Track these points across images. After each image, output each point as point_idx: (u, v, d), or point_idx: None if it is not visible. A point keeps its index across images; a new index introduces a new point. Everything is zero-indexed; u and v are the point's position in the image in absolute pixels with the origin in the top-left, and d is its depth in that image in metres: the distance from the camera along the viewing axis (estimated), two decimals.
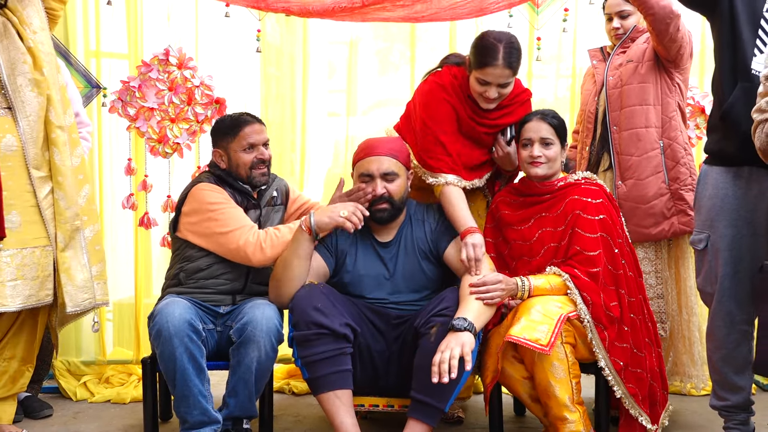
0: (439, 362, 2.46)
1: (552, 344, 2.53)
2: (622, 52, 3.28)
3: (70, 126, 2.87)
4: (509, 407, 3.30)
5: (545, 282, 2.72)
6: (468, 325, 2.53)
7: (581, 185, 2.85)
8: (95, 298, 2.91)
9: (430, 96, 2.97)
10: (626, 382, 2.72)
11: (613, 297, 2.74)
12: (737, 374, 2.71)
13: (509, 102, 2.99)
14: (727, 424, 2.77)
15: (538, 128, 2.84)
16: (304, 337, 2.66)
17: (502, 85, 2.87)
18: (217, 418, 2.73)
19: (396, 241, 2.92)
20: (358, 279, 2.88)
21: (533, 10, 3.70)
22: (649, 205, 3.14)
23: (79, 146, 2.92)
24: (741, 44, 2.59)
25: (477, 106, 2.95)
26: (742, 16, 2.60)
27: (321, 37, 3.95)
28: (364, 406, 2.86)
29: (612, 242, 2.78)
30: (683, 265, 3.26)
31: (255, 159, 2.97)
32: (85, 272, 2.86)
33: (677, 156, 3.17)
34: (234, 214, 2.89)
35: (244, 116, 3.02)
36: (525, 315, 2.61)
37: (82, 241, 2.86)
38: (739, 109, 2.57)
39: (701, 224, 2.74)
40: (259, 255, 2.82)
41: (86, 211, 2.90)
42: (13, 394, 2.96)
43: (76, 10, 3.65)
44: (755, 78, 2.55)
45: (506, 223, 2.93)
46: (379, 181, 2.82)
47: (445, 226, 2.90)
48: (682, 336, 3.27)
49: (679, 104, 3.22)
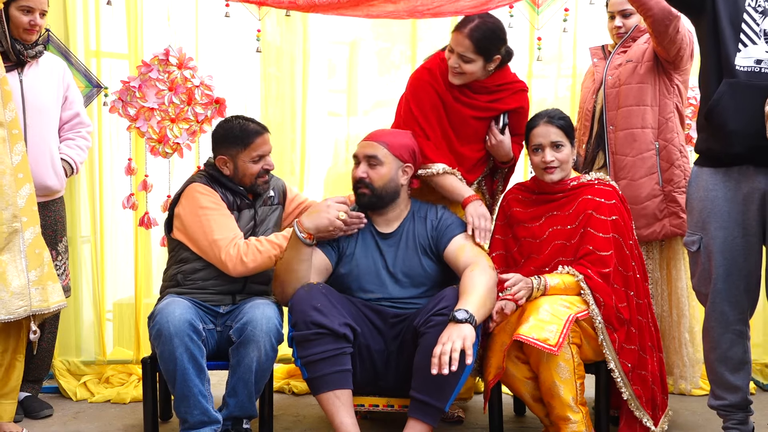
0: (439, 354, 2.45)
1: (560, 345, 2.54)
2: (622, 52, 3.28)
3: (10, 122, 2.74)
4: (509, 407, 3.30)
5: (560, 282, 2.72)
6: (469, 317, 2.53)
7: (594, 185, 2.86)
8: (31, 305, 2.75)
9: (417, 82, 3.05)
10: (633, 384, 2.72)
11: (623, 298, 2.74)
12: (733, 374, 2.72)
13: (499, 88, 3.03)
14: (726, 424, 2.78)
15: (547, 132, 2.83)
16: (304, 337, 2.66)
17: (464, 59, 2.91)
18: (217, 418, 2.73)
19: (397, 234, 2.92)
20: (355, 269, 2.88)
21: (533, 10, 3.69)
22: (642, 206, 3.14)
23: (20, 142, 2.77)
24: (723, 40, 2.58)
25: (468, 89, 3.00)
26: (723, 13, 2.59)
27: (321, 37, 3.95)
28: (364, 406, 2.86)
29: (624, 243, 2.79)
30: (675, 266, 3.25)
31: (262, 169, 2.98)
32: (22, 278, 2.72)
33: (672, 158, 3.17)
34: (219, 223, 2.87)
35: (253, 126, 2.99)
36: (533, 314, 2.61)
37: (21, 245, 2.72)
38: (724, 106, 2.56)
39: (693, 226, 2.74)
40: (240, 268, 2.83)
41: (26, 212, 2.76)
42: (10, 390, 2.90)
43: (76, 10, 3.65)
44: (740, 73, 2.55)
45: (517, 221, 2.94)
46: (361, 165, 2.86)
47: (447, 224, 2.90)
48: (673, 337, 3.27)
49: (677, 106, 3.21)
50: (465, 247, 2.83)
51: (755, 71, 2.55)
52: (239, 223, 2.96)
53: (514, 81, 3.10)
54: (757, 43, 2.55)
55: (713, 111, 2.59)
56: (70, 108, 3.40)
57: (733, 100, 2.54)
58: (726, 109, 2.56)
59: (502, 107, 3.03)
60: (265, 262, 2.85)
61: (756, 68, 2.55)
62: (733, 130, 2.54)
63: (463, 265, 2.78)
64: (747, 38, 2.56)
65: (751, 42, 2.56)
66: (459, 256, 2.81)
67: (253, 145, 2.95)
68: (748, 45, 2.56)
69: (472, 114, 3.02)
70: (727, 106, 2.55)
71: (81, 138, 3.44)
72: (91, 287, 3.76)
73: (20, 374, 2.93)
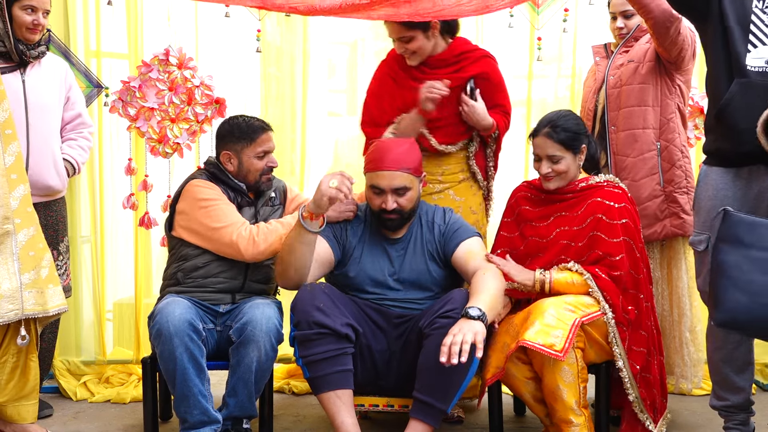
0: (450, 344, 2.43)
1: (566, 350, 2.53)
2: (624, 52, 3.28)
3: (4, 122, 2.69)
4: (509, 407, 3.30)
5: (567, 275, 2.72)
6: (482, 314, 2.52)
7: (604, 188, 2.84)
8: (23, 309, 2.68)
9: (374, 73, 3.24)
10: (639, 386, 2.72)
11: (631, 301, 2.74)
12: (738, 374, 2.72)
13: (458, 58, 3.10)
14: (727, 424, 2.78)
15: (544, 146, 2.82)
16: (306, 337, 2.66)
17: (403, 40, 3.04)
18: (217, 418, 2.73)
19: (405, 239, 2.92)
20: (363, 273, 2.87)
21: (533, 10, 3.70)
22: (643, 206, 3.13)
23: (15, 143, 2.72)
24: (733, 41, 2.58)
25: (425, 66, 3.09)
26: (731, 14, 2.60)
27: (321, 37, 3.95)
28: (365, 405, 2.86)
29: (635, 246, 2.78)
30: (675, 266, 3.25)
31: (266, 166, 2.99)
32: (14, 281, 2.66)
33: (673, 158, 3.17)
34: (226, 210, 2.89)
35: (258, 122, 3.02)
36: (539, 318, 2.60)
37: (14, 247, 2.67)
38: (736, 106, 2.57)
39: (701, 225, 2.73)
40: (252, 249, 2.83)
41: (20, 214, 2.70)
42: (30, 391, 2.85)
43: (76, 10, 3.65)
44: (751, 73, 2.55)
45: (525, 219, 2.94)
46: (390, 197, 2.80)
47: (454, 228, 2.89)
48: (673, 337, 3.27)
49: (679, 106, 3.21)
50: (473, 252, 2.83)
51: (766, 71, 2.55)
52: None
53: (474, 49, 3.17)
54: (767, 43, 2.56)
55: (725, 111, 2.59)
56: (72, 108, 3.40)
57: (744, 99, 2.54)
58: (738, 108, 2.56)
59: (464, 75, 3.08)
60: (276, 243, 2.83)
61: (766, 68, 2.55)
62: (745, 128, 2.54)
63: (473, 269, 2.77)
64: (756, 39, 2.57)
65: (761, 42, 2.56)
66: (468, 260, 2.81)
67: (259, 140, 2.97)
68: (758, 45, 2.57)
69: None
70: (739, 106, 2.55)
71: (83, 138, 3.44)
72: (91, 287, 3.76)
73: (36, 374, 2.89)
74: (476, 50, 3.17)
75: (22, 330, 2.72)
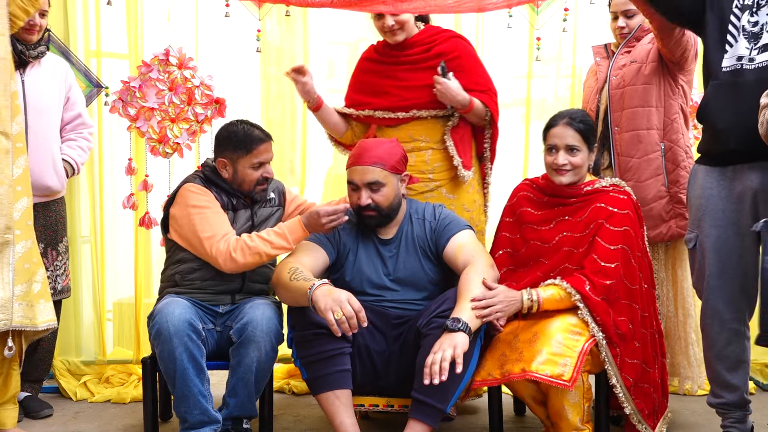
0: (431, 363, 2.46)
1: (575, 380, 2.49)
2: (626, 52, 3.26)
3: (16, 135, 2.69)
4: (509, 407, 3.30)
5: (555, 293, 2.65)
6: (462, 325, 2.52)
7: (609, 192, 2.78)
8: (12, 319, 2.65)
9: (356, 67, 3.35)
10: (635, 399, 2.70)
11: (623, 312, 2.68)
12: (730, 372, 2.72)
13: (431, 38, 3.18)
14: (725, 422, 2.78)
15: (564, 134, 2.75)
16: (303, 338, 2.66)
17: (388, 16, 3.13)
18: (217, 418, 2.73)
19: (397, 239, 2.91)
20: (359, 276, 2.88)
21: (533, 10, 3.70)
22: (648, 207, 3.13)
23: (24, 156, 2.74)
24: (710, 45, 2.63)
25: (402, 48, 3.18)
26: (710, 21, 2.64)
27: (321, 37, 3.95)
28: (364, 405, 2.86)
29: (631, 255, 2.73)
30: (680, 267, 3.25)
31: (261, 177, 2.97)
32: (7, 290, 2.64)
33: (678, 159, 3.16)
34: (211, 220, 2.86)
35: (257, 132, 2.98)
36: (546, 346, 2.55)
37: (10, 257, 2.65)
38: (712, 108, 2.62)
39: (691, 223, 2.78)
40: (230, 264, 2.81)
41: (21, 226, 2.70)
42: (10, 398, 2.87)
43: (76, 10, 3.65)
44: (722, 75, 2.59)
45: (526, 222, 2.87)
46: (363, 192, 2.80)
47: (445, 223, 2.89)
48: (678, 337, 3.27)
49: (682, 107, 3.20)
50: (463, 246, 2.81)
51: (737, 69, 2.58)
52: (236, 224, 2.95)
53: (445, 31, 3.26)
54: (739, 40, 2.58)
55: (702, 114, 2.69)
56: (72, 108, 3.40)
57: (717, 101, 2.60)
58: (714, 110, 2.62)
59: (435, 52, 3.14)
60: (255, 258, 2.80)
61: (738, 65, 2.58)
62: (723, 128, 2.59)
63: (462, 265, 2.77)
64: (732, 38, 2.60)
65: (735, 41, 2.59)
66: (458, 255, 2.80)
67: (256, 151, 2.94)
68: (732, 45, 2.59)
69: (410, 67, 3.16)
70: (715, 108, 2.61)
71: (83, 139, 3.44)
72: (91, 287, 3.77)
73: (17, 382, 2.89)
74: (446, 32, 3.26)
75: (9, 341, 2.70)
